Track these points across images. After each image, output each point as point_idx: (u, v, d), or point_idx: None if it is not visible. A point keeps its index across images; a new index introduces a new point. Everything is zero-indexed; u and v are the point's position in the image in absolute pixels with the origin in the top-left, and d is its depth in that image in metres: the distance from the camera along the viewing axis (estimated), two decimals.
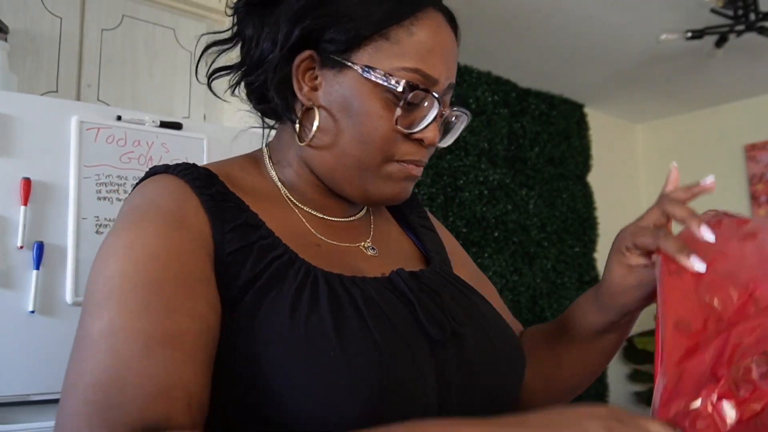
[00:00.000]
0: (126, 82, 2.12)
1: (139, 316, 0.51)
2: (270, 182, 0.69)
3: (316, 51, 0.64)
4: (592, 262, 4.28)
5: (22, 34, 1.94)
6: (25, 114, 1.53)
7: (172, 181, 0.62)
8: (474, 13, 3.00)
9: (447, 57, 0.65)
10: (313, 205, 0.70)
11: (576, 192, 4.24)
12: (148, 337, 0.50)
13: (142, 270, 0.53)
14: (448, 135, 0.71)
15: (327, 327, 0.55)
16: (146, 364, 0.49)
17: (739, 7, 2.83)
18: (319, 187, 0.70)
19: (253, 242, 0.60)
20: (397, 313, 0.60)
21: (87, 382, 0.48)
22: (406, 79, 0.62)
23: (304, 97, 0.65)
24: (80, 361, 0.50)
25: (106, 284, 0.53)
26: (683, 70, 3.86)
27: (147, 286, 0.53)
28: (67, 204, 1.54)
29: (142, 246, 0.55)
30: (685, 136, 4.75)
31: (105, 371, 0.49)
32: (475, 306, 0.69)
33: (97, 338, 0.50)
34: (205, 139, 1.76)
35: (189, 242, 0.57)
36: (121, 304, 0.52)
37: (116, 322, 0.51)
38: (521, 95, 4.01)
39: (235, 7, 0.68)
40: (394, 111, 0.62)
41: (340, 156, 0.65)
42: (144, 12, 2.19)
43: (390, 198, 0.68)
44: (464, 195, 3.56)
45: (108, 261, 0.55)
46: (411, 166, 0.66)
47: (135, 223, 0.57)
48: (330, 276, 0.60)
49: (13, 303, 1.44)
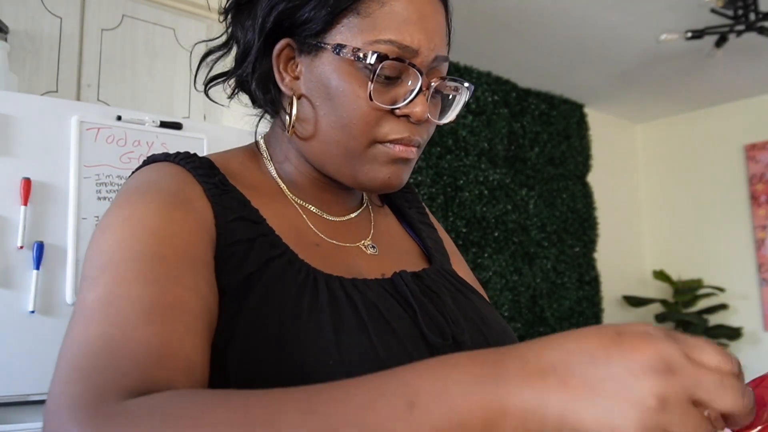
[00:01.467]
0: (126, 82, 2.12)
1: (137, 285, 0.48)
2: (269, 178, 0.68)
3: (293, 38, 0.63)
4: (592, 262, 4.28)
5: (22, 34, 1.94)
6: (25, 114, 1.53)
7: (174, 168, 0.60)
8: (474, 13, 3.00)
9: (427, 26, 0.61)
10: (314, 202, 0.68)
11: (576, 192, 4.24)
12: (148, 305, 0.47)
13: (141, 242, 0.51)
14: (449, 110, 0.67)
15: (326, 333, 0.53)
16: (143, 332, 0.45)
17: (739, 7, 2.84)
18: (317, 181, 0.68)
19: (253, 237, 0.58)
20: (398, 318, 0.59)
21: (78, 351, 0.45)
22: (379, 51, 0.58)
23: (286, 88, 0.64)
24: (73, 333, 0.47)
25: (102, 256, 0.51)
26: (683, 70, 3.86)
27: (146, 257, 0.50)
28: (67, 204, 1.54)
29: (143, 219, 0.52)
30: (685, 136, 4.75)
31: (99, 339, 0.45)
32: (475, 308, 0.68)
33: (92, 307, 0.48)
34: (205, 139, 1.76)
35: (192, 222, 0.54)
36: (118, 274, 0.49)
37: (112, 291, 0.48)
38: (521, 95, 4.01)
39: (225, 10, 0.67)
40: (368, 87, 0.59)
41: (326, 144, 0.63)
42: (144, 12, 2.19)
43: (381, 184, 0.64)
44: (464, 195, 3.56)
45: (105, 234, 0.52)
46: (398, 148, 0.62)
47: (135, 199, 0.55)
48: (330, 279, 0.59)
49: (13, 303, 1.44)
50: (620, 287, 4.53)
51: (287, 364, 0.52)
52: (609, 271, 4.41)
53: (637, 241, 4.83)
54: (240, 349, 0.53)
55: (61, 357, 0.46)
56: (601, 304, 4.27)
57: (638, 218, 4.88)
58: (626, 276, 4.63)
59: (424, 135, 0.64)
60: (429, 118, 0.63)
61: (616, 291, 4.48)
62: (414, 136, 0.62)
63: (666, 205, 4.82)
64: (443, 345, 0.59)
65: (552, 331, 3.90)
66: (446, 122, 0.67)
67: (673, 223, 4.76)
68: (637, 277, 4.70)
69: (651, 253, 4.85)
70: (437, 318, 0.61)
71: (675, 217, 4.75)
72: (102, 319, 0.46)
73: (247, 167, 0.68)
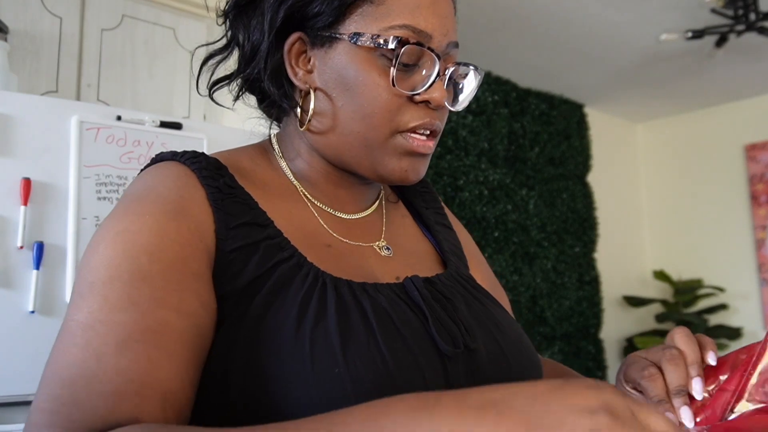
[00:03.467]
0: (126, 82, 2.12)
1: (119, 310, 0.49)
2: (281, 175, 0.67)
3: (304, 32, 0.62)
4: (592, 262, 4.28)
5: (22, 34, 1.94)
6: (25, 114, 1.53)
7: (179, 168, 0.59)
8: (474, 13, 3.00)
9: (439, 10, 0.61)
10: (326, 199, 0.67)
11: (576, 192, 4.24)
12: (126, 333, 0.48)
13: (129, 260, 0.51)
14: (461, 96, 0.67)
15: (333, 341, 0.52)
16: (119, 361, 0.46)
17: (739, 7, 2.84)
18: (331, 176, 0.67)
19: (258, 241, 0.57)
20: (408, 325, 0.57)
21: (57, 377, 0.47)
22: (396, 36, 0.58)
23: (300, 82, 0.63)
24: (56, 354, 0.48)
25: (90, 274, 0.51)
26: (683, 70, 3.86)
27: (133, 277, 0.50)
28: (67, 204, 1.54)
29: (135, 234, 0.52)
30: (685, 136, 4.75)
31: (75, 366, 0.46)
32: (490, 315, 0.66)
33: (74, 331, 0.48)
34: (205, 139, 1.76)
35: (187, 233, 0.54)
36: (103, 296, 0.49)
37: (95, 316, 0.49)
38: (521, 95, 4.01)
39: (225, 13, 0.67)
40: (390, 74, 0.59)
41: (345, 135, 0.62)
42: (144, 12, 2.19)
43: (400, 176, 0.64)
44: (464, 195, 3.56)
45: (98, 248, 0.53)
46: (416, 143, 0.62)
47: (131, 210, 0.55)
48: (339, 282, 0.57)
49: (13, 303, 1.44)
50: (620, 287, 4.52)
51: (291, 371, 0.51)
52: (609, 271, 4.40)
53: (638, 241, 4.82)
54: (241, 356, 0.52)
55: (43, 379, 0.48)
56: (601, 304, 4.27)
57: (638, 218, 4.88)
58: (626, 276, 4.63)
59: (443, 120, 0.65)
60: (445, 104, 0.63)
61: (616, 291, 4.48)
62: (435, 120, 0.63)
63: (666, 205, 4.82)
64: (455, 353, 0.58)
65: (552, 331, 3.90)
66: (460, 108, 0.67)
67: (674, 223, 4.75)
68: (637, 277, 4.70)
69: (651, 253, 4.85)
70: (449, 325, 0.60)
71: (675, 217, 4.75)
72: (83, 343, 0.48)
73: (258, 164, 0.67)
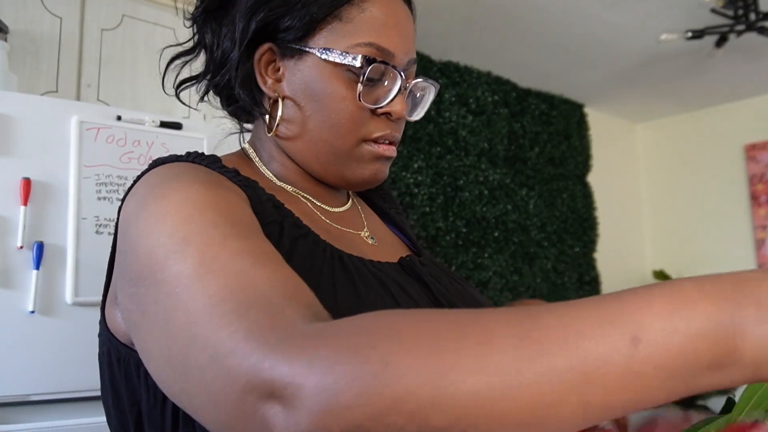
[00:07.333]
0: (126, 82, 2.12)
1: (231, 239, 0.44)
2: (265, 178, 0.70)
3: (274, 43, 0.65)
4: (592, 262, 4.28)
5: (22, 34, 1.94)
6: (25, 114, 1.53)
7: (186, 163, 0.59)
8: (474, 13, 3.00)
9: (402, 30, 0.65)
10: (311, 195, 0.71)
11: (576, 192, 4.24)
12: (253, 253, 0.44)
13: (210, 211, 0.48)
14: (418, 108, 0.72)
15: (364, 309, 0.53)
16: (267, 272, 0.42)
17: (739, 7, 2.84)
18: (305, 175, 0.70)
19: (282, 219, 0.60)
20: (419, 294, 0.62)
21: (210, 302, 0.39)
22: (362, 53, 0.62)
23: (269, 90, 0.66)
24: (183, 297, 0.41)
25: (174, 236, 0.45)
26: (683, 70, 3.86)
27: (223, 222, 0.47)
28: (67, 204, 1.54)
29: (199, 196, 0.49)
30: (685, 136, 4.75)
31: (225, 287, 0.40)
32: (469, 294, 0.71)
33: (193, 274, 0.42)
34: (205, 139, 1.76)
35: (237, 197, 0.54)
36: (203, 241, 0.44)
37: (209, 251, 0.43)
38: (521, 95, 4.01)
39: (193, 17, 0.69)
40: (357, 89, 0.63)
41: (313, 143, 0.65)
42: (144, 12, 2.19)
43: (367, 180, 0.68)
44: (464, 195, 3.56)
45: (165, 220, 0.47)
46: (382, 147, 0.66)
47: (177, 187, 0.51)
48: (352, 258, 0.61)
49: (13, 303, 1.44)
50: (620, 287, 4.48)
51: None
52: (609, 271, 4.40)
53: (638, 241, 4.83)
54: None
55: (182, 321, 0.40)
56: None
57: (638, 218, 4.88)
58: (626, 276, 4.63)
59: (401, 130, 0.70)
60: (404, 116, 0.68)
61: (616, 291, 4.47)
62: (394, 132, 0.67)
63: (666, 205, 4.82)
64: None
65: None
66: (417, 118, 0.72)
67: (674, 223, 4.76)
68: (637, 277, 4.70)
69: (651, 253, 4.85)
70: (448, 295, 0.65)
71: (675, 217, 4.75)
72: (214, 272, 0.41)
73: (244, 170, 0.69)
